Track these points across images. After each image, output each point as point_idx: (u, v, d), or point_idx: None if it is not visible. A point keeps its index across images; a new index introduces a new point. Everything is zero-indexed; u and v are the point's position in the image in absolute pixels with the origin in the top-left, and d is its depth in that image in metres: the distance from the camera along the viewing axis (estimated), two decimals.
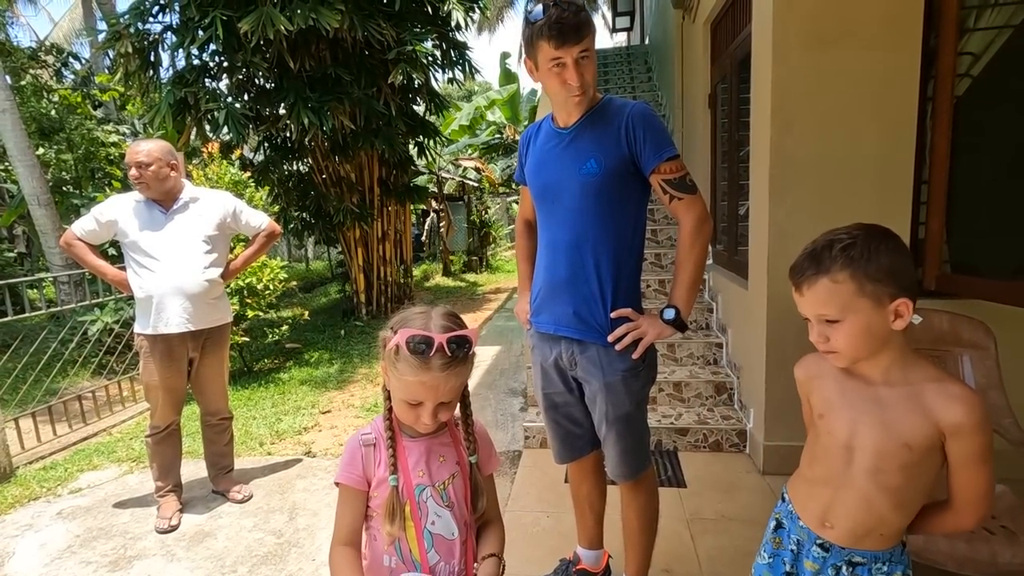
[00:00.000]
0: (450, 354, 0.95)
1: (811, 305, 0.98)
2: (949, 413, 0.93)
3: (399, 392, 1.00)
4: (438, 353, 0.95)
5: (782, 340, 2.46)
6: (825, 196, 2.35)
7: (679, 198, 1.45)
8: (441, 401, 0.99)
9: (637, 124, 1.43)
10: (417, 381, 0.96)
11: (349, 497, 1.08)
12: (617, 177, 1.45)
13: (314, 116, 5.43)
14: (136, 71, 5.60)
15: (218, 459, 2.75)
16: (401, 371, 0.97)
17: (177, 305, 2.40)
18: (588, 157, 1.45)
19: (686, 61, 4.74)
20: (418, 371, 0.95)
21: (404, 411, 1.02)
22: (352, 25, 5.34)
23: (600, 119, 1.47)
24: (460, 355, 0.97)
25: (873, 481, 1.00)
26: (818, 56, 2.29)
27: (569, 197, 1.49)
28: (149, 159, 2.34)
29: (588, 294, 1.50)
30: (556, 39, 1.33)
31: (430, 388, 0.97)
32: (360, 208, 6.71)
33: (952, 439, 0.94)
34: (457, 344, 0.96)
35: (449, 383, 0.98)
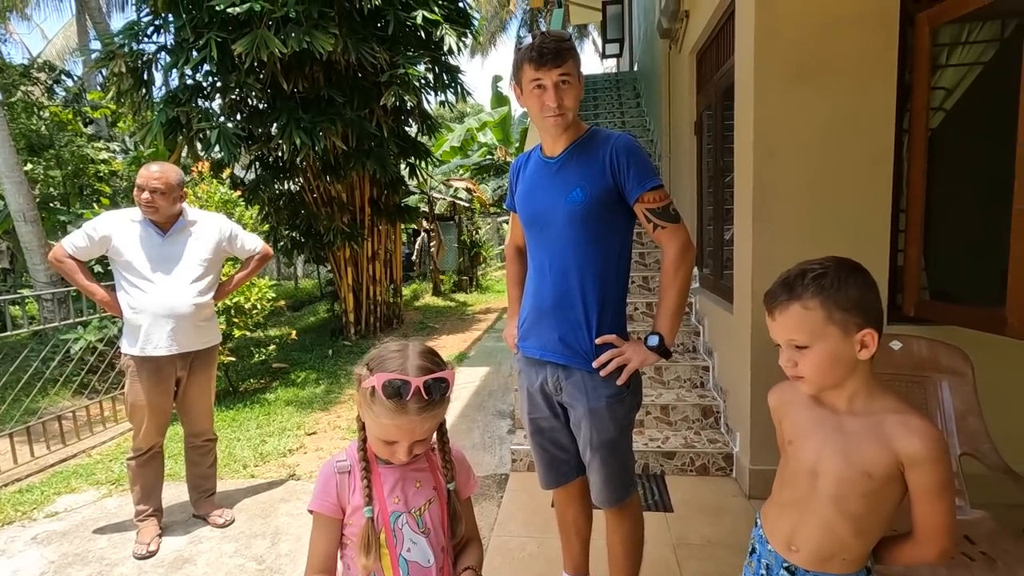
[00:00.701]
0: (427, 397, 0.95)
1: (782, 330, 1.01)
2: (907, 444, 0.96)
3: (374, 431, 1.00)
4: (415, 397, 0.94)
5: (767, 364, 2.49)
6: (807, 223, 2.40)
7: (662, 227, 1.49)
8: (417, 439, 0.99)
9: (621, 155, 1.48)
10: (393, 424, 0.96)
11: (323, 525, 1.07)
12: (602, 205, 1.49)
13: (306, 137, 5.48)
14: (129, 90, 5.63)
15: (200, 482, 2.71)
16: (377, 413, 0.96)
17: (167, 327, 2.38)
18: (574, 186, 1.49)
19: (672, 89, 4.85)
20: (394, 415, 0.95)
21: (379, 447, 1.02)
22: (346, 48, 5.43)
23: (585, 149, 1.52)
24: (437, 397, 0.97)
25: (835, 507, 1.02)
26: (799, 88, 2.36)
27: (556, 224, 1.52)
28: (166, 188, 2.35)
29: (574, 320, 1.52)
30: (537, 61, 1.42)
31: (406, 431, 0.97)
32: (351, 228, 6.73)
33: (910, 470, 0.97)
34: (434, 386, 0.96)
35: (425, 424, 0.98)
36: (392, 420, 0.95)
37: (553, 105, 1.44)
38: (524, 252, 1.80)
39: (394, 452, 1.00)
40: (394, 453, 1.00)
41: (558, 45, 1.41)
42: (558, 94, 1.44)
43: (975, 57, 2.32)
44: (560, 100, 1.44)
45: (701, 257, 4.00)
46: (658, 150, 5.76)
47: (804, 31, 2.34)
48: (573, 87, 1.46)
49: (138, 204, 2.37)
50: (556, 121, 1.47)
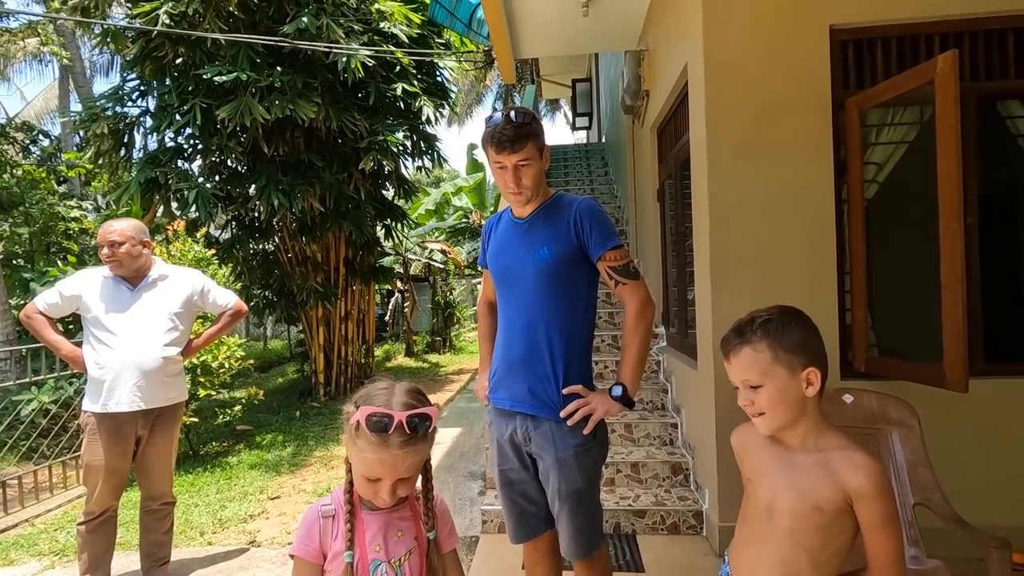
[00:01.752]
0: (409, 431, 0.97)
1: (737, 371, 1.12)
2: (852, 479, 1.04)
3: (359, 467, 1.02)
4: (397, 431, 0.96)
5: (731, 420, 2.54)
6: (761, 284, 2.56)
7: (623, 283, 1.60)
8: (400, 477, 1.00)
9: (584, 217, 1.60)
10: (376, 458, 0.97)
11: (303, 570, 1.06)
12: (567, 263, 1.60)
13: (284, 198, 5.60)
14: (109, 150, 5.72)
15: (155, 549, 2.57)
16: (361, 447, 0.98)
17: (131, 383, 2.35)
18: (541, 244, 1.61)
19: (637, 159, 5.17)
20: (377, 448, 0.96)
21: (363, 486, 1.02)
22: (327, 116, 5.67)
23: (552, 212, 1.65)
24: (420, 433, 0.99)
25: (791, 540, 1.09)
26: (747, 163, 2.58)
27: (524, 280, 1.62)
28: (122, 238, 2.38)
29: (542, 372, 1.59)
30: (496, 146, 1.55)
31: (389, 466, 0.98)
32: (324, 287, 6.75)
33: (857, 504, 1.05)
34: (417, 422, 0.98)
35: (408, 460, 0.99)
36: (375, 454, 0.97)
37: (513, 186, 1.58)
38: (495, 308, 1.88)
39: (378, 491, 1.00)
40: (377, 492, 1.00)
41: (516, 132, 1.52)
42: (516, 175, 1.56)
43: (901, 136, 2.60)
44: (519, 180, 1.57)
45: (668, 316, 4.14)
46: (625, 215, 6.05)
47: (749, 113, 2.59)
48: (532, 167, 1.58)
49: (104, 262, 2.40)
50: (516, 199, 1.62)
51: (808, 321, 1.12)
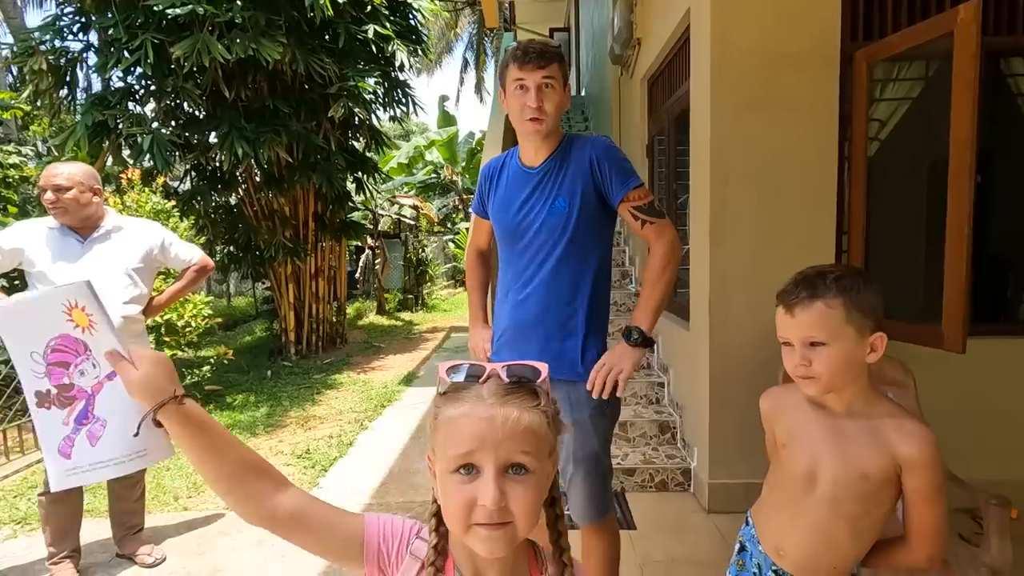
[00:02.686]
0: (508, 380, 0.69)
1: (801, 327, 1.02)
2: (904, 448, 0.99)
3: (445, 453, 0.67)
4: (492, 380, 0.69)
5: (724, 380, 2.55)
6: (759, 244, 2.50)
7: (650, 222, 1.49)
8: (508, 463, 0.65)
9: (602, 158, 1.48)
10: (459, 415, 0.66)
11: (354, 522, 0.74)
12: (585, 214, 1.49)
13: (249, 147, 5.23)
14: (48, 90, 5.20)
15: (126, 517, 2.45)
16: (444, 418, 0.68)
17: None
18: (557, 195, 1.48)
19: (623, 113, 5.01)
20: (465, 402, 0.67)
21: (455, 496, 0.65)
22: (294, 59, 5.27)
23: (566, 157, 1.52)
24: (525, 385, 0.69)
25: (831, 508, 1.04)
26: (750, 118, 2.48)
27: (537, 235, 1.51)
28: (69, 183, 2.13)
29: (558, 330, 1.50)
30: (521, 60, 1.42)
31: (482, 423, 0.65)
32: (293, 243, 6.46)
33: (907, 473, 1.00)
34: (520, 370, 0.70)
35: (511, 417, 0.65)
36: (462, 409, 0.67)
37: (533, 106, 1.42)
38: (486, 257, 1.80)
39: (473, 498, 0.64)
40: (473, 502, 0.64)
41: (544, 47, 1.42)
42: (539, 96, 1.42)
43: (905, 92, 2.53)
44: (540, 103, 1.42)
45: None
46: None
47: (755, 66, 2.47)
48: (555, 92, 1.45)
49: (47, 209, 2.15)
50: (535, 126, 1.45)
51: (879, 286, 1.05)
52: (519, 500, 0.64)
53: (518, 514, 0.64)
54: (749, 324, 2.50)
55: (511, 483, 0.65)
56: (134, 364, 0.72)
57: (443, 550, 0.71)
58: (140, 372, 0.71)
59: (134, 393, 0.71)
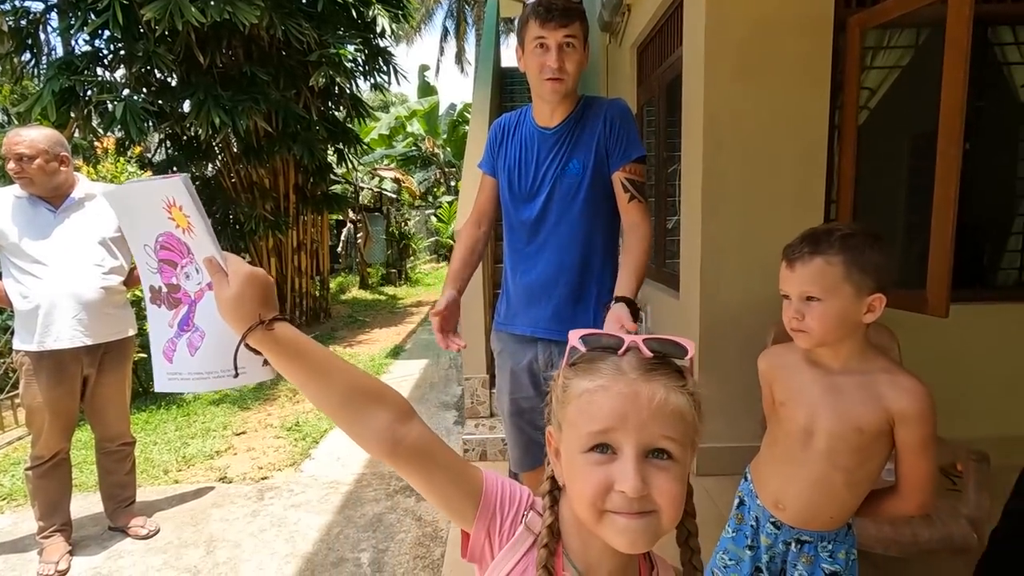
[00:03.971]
0: (651, 353, 0.60)
1: (799, 281, 1.04)
2: (899, 402, 1.02)
3: (578, 430, 0.59)
4: (631, 352, 0.61)
5: (714, 347, 2.59)
6: (751, 212, 2.52)
7: (639, 200, 1.48)
8: (652, 447, 0.56)
9: (616, 120, 1.46)
10: (600, 387, 0.58)
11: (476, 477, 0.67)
12: (598, 177, 1.47)
13: (226, 116, 5.07)
14: (10, 53, 4.95)
15: (117, 491, 2.42)
16: (576, 390, 0.60)
17: (69, 316, 2.10)
18: (572, 157, 1.47)
19: (611, 81, 4.95)
20: (603, 375, 0.59)
21: (589, 477, 0.57)
22: (271, 23, 5.08)
23: (581, 119, 1.49)
24: (668, 358, 0.61)
25: (828, 461, 1.08)
26: (744, 84, 2.47)
27: (551, 198, 1.50)
28: (32, 151, 2.02)
29: (570, 294, 1.49)
30: (543, 17, 1.36)
31: (624, 398, 0.57)
32: (275, 216, 6.33)
33: (900, 426, 1.03)
34: (659, 346, 0.61)
35: (657, 398, 0.56)
36: (598, 381, 0.59)
37: (554, 66, 1.37)
38: (486, 220, 1.68)
39: (612, 479, 0.56)
40: (612, 483, 0.56)
41: (567, 4, 1.36)
42: (560, 56, 1.37)
43: (895, 61, 2.54)
44: (561, 63, 1.37)
45: None
46: None
47: (749, 32, 2.44)
48: (576, 52, 1.40)
49: (12, 178, 2.06)
50: (554, 86, 1.40)
51: (887, 247, 1.06)
52: (663, 490, 0.56)
53: (663, 505, 0.56)
54: (740, 292, 2.53)
55: (653, 469, 0.56)
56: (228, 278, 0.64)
57: (557, 531, 0.64)
58: (231, 290, 0.63)
59: (223, 312, 0.64)
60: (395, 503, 2.60)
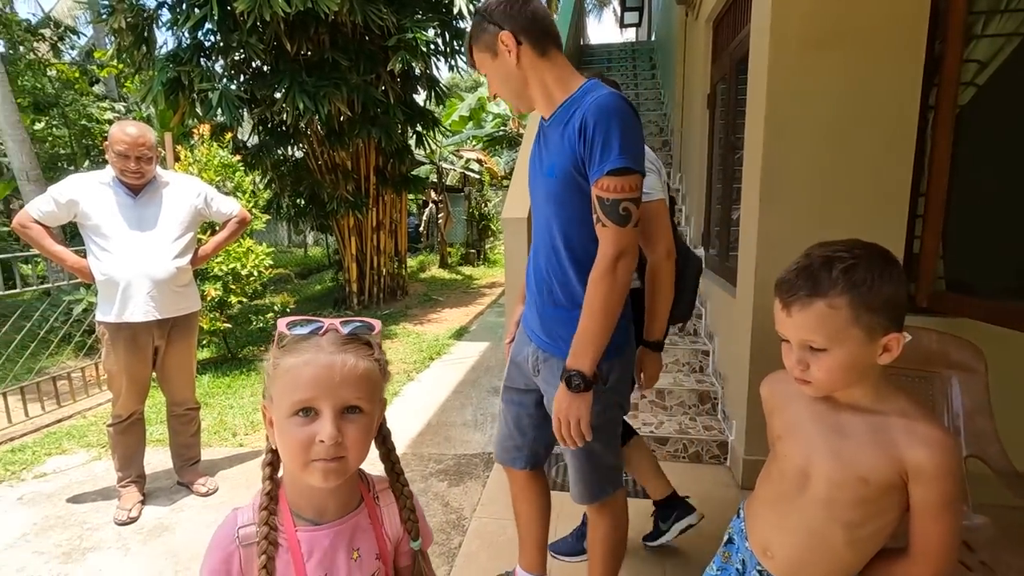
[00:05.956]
0: (344, 333, 0.76)
1: (798, 329, 0.89)
2: (914, 453, 0.85)
3: (285, 399, 0.72)
4: (330, 332, 0.75)
5: (767, 352, 2.38)
6: (817, 205, 2.25)
7: (603, 224, 1.19)
8: (345, 405, 0.72)
9: (590, 123, 1.17)
10: (302, 362, 0.71)
11: None
12: (572, 185, 1.26)
13: (310, 101, 5.35)
14: (130, 47, 5.51)
15: (183, 450, 2.68)
16: (284, 367, 0.72)
17: (143, 293, 2.32)
18: (551, 159, 1.31)
19: (688, 59, 4.62)
20: (303, 353, 0.72)
21: (295, 435, 0.71)
22: (352, 9, 5.25)
23: (566, 114, 1.28)
24: (360, 336, 0.77)
25: (825, 510, 0.93)
26: (816, 58, 2.18)
27: (537, 200, 1.40)
28: (152, 153, 2.29)
29: (550, 306, 1.38)
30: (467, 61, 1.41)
31: (321, 370, 0.71)
32: (355, 196, 6.63)
33: (914, 482, 0.86)
34: (354, 324, 0.77)
35: (348, 364, 0.72)
36: (302, 357, 0.72)
37: (489, 96, 1.44)
38: None
39: (313, 436, 0.70)
40: (312, 441, 0.70)
41: (467, 41, 1.37)
42: (491, 88, 1.38)
43: (1015, 27, 2.13)
44: (493, 95, 1.40)
45: (708, 237, 3.85)
46: (670, 124, 5.55)
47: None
48: (492, 73, 1.33)
49: (118, 169, 2.27)
50: (516, 108, 1.41)
51: (900, 269, 0.87)
52: (353, 437, 0.73)
53: (351, 448, 0.73)
54: None
55: (347, 423, 0.73)
56: None
57: (275, 495, 0.78)
58: None
59: None
60: (428, 486, 2.66)
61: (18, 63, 7.27)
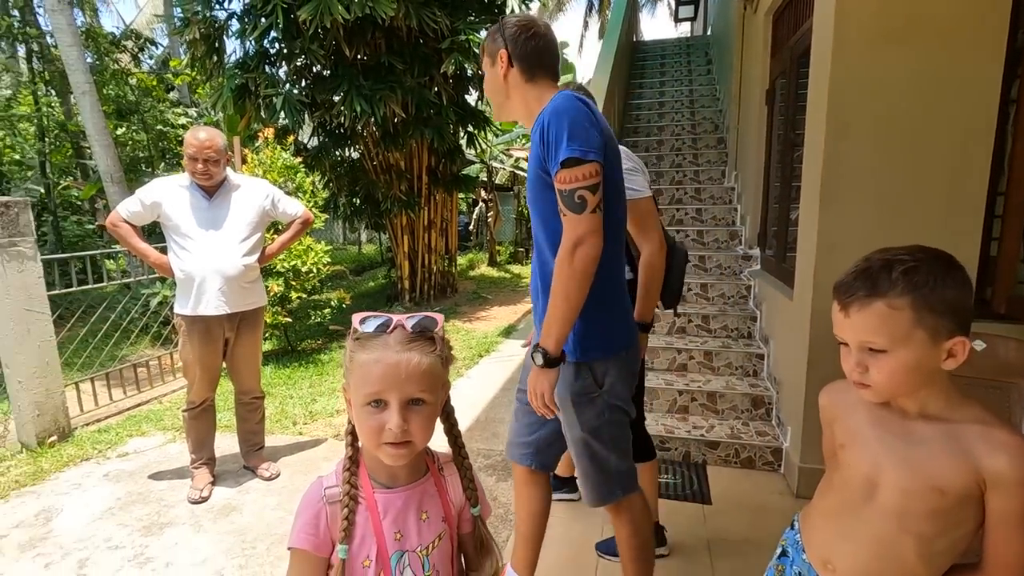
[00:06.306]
0: (410, 330, 0.84)
1: (857, 330, 0.87)
2: (992, 461, 0.82)
3: (360, 391, 0.82)
4: (397, 329, 0.84)
5: (825, 357, 2.30)
6: (883, 206, 2.16)
7: (564, 213, 1.24)
8: (410, 397, 0.81)
9: (545, 123, 1.26)
10: (372, 360, 0.80)
11: (308, 567, 0.87)
12: (541, 183, 1.32)
13: (366, 104, 5.53)
14: (203, 56, 5.86)
15: (249, 436, 2.85)
16: (359, 361, 0.82)
17: (215, 288, 2.48)
18: (529, 164, 1.38)
19: (746, 54, 4.49)
20: (374, 349, 0.81)
21: (367, 422, 0.82)
22: (407, 14, 5.39)
23: (535, 124, 1.33)
24: (425, 333, 0.85)
25: (896, 522, 0.90)
26: (883, 52, 2.09)
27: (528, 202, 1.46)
28: (219, 155, 2.45)
29: (542, 298, 1.40)
30: None
31: (389, 367, 0.80)
32: (407, 196, 6.80)
33: (993, 491, 0.83)
34: (419, 320, 0.85)
35: (412, 362, 0.81)
36: (372, 354, 0.81)
37: None
38: None
39: (383, 424, 0.80)
40: (382, 427, 0.80)
41: (483, 41, 1.50)
42: (484, 85, 1.52)
43: None
44: (485, 90, 1.53)
45: (764, 238, 3.74)
46: (726, 121, 5.40)
47: None
48: (486, 76, 1.49)
49: (189, 171, 2.44)
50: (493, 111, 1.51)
51: (964, 274, 0.84)
52: (418, 424, 0.83)
53: (416, 434, 0.83)
54: None
55: (412, 412, 0.82)
56: None
57: (356, 460, 0.89)
58: None
59: None
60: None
61: (104, 73, 7.87)
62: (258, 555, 2.18)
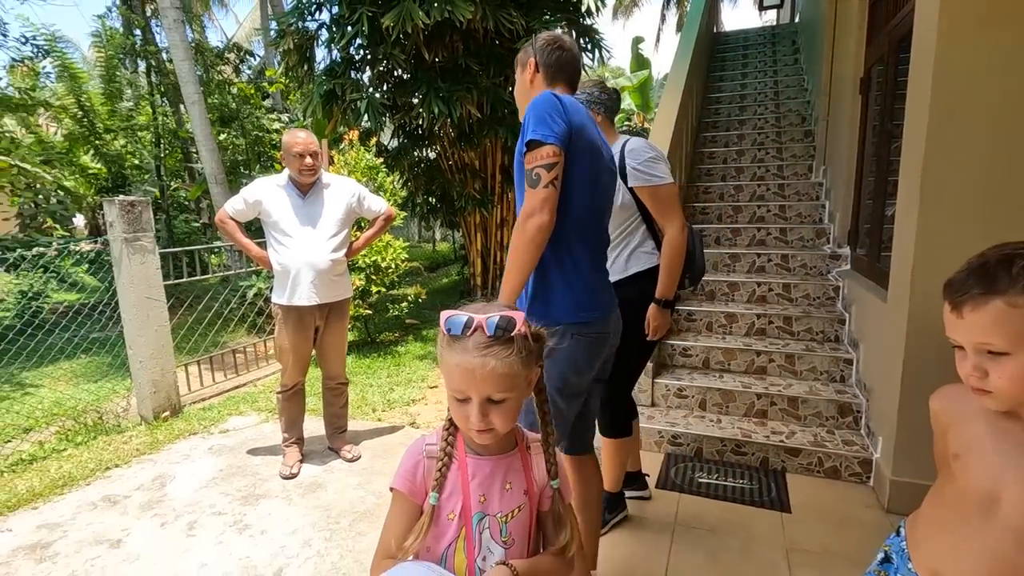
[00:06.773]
0: (489, 334, 0.88)
1: (973, 331, 0.83)
2: None
3: (448, 385, 0.92)
4: (476, 332, 0.88)
5: (922, 363, 2.14)
6: (992, 200, 1.98)
7: (525, 190, 1.39)
8: (488, 397, 0.89)
9: (527, 112, 1.42)
10: (454, 363, 0.89)
11: (403, 507, 0.98)
12: (520, 166, 1.46)
13: (443, 105, 5.69)
14: (296, 65, 6.26)
15: (334, 419, 3.05)
16: (444, 359, 0.91)
17: (308, 280, 2.68)
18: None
19: (838, 41, 4.22)
20: (455, 352, 0.89)
21: (456, 410, 0.93)
22: (484, 16, 5.50)
23: None
24: (502, 337, 0.88)
25: (1017, 542, 0.84)
26: (995, 35, 1.92)
27: None
28: (319, 150, 2.67)
29: None
30: None
31: (468, 375, 0.87)
32: (481, 194, 6.93)
33: None
34: (498, 322, 0.88)
35: (488, 367, 0.87)
36: (453, 357, 0.89)
37: None
38: None
39: (467, 415, 0.90)
40: (467, 417, 0.90)
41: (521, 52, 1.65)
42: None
43: None
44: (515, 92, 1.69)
45: (855, 235, 3.51)
46: (814, 112, 5.10)
47: None
48: (517, 80, 1.66)
49: (295, 168, 2.63)
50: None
51: None
52: (498, 416, 0.91)
53: (497, 423, 0.91)
54: None
55: (492, 407, 0.90)
56: None
57: (455, 427, 0.99)
58: None
59: None
60: None
61: (209, 84, 8.61)
62: (341, 529, 2.33)
